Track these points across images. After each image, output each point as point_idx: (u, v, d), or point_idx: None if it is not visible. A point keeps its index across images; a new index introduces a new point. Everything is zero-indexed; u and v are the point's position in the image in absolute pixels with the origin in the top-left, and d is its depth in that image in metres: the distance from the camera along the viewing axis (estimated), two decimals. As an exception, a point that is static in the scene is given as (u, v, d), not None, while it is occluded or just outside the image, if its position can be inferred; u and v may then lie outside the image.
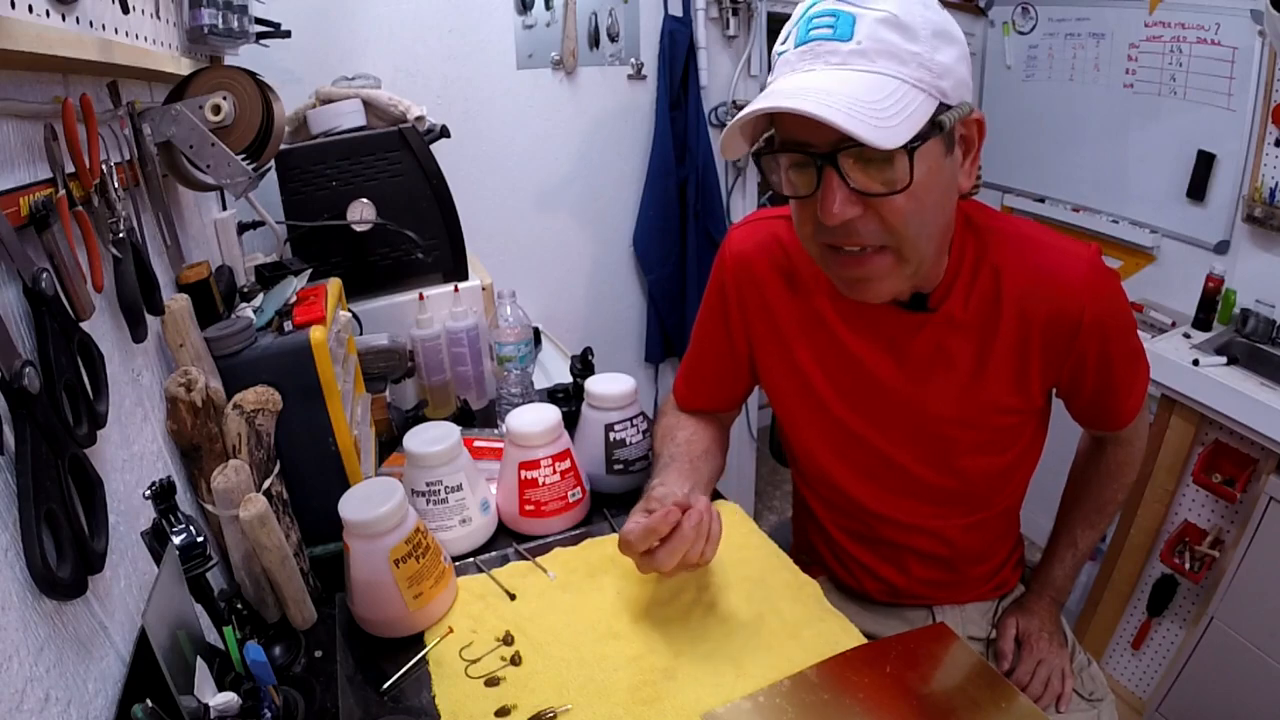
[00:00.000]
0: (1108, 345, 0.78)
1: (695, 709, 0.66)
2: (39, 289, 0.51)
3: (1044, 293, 0.76)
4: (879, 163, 0.64)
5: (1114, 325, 0.78)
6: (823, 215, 0.66)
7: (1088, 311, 0.75)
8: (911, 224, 0.67)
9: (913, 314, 0.79)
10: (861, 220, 0.66)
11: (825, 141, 0.63)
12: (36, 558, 0.46)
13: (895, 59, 0.62)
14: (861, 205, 0.66)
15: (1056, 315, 0.76)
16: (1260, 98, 1.67)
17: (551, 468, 0.92)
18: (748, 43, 2.09)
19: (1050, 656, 0.93)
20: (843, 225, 0.66)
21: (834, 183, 0.64)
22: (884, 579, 0.96)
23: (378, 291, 1.31)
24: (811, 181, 0.66)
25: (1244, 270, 1.76)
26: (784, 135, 0.67)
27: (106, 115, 0.72)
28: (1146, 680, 1.81)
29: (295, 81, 1.53)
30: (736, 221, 0.97)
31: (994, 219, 0.80)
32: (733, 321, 0.92)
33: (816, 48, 0.64)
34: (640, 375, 2.36)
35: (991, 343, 0.79)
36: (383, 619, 0.76)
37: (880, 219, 0.66)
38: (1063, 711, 0.90)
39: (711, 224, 2.15)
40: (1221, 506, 1.63)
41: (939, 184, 0.67)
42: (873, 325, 0.82)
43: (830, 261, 0.73)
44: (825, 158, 0.64)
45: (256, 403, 0.78)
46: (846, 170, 0.64)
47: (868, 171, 0.64)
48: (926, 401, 0.82)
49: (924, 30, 0.62)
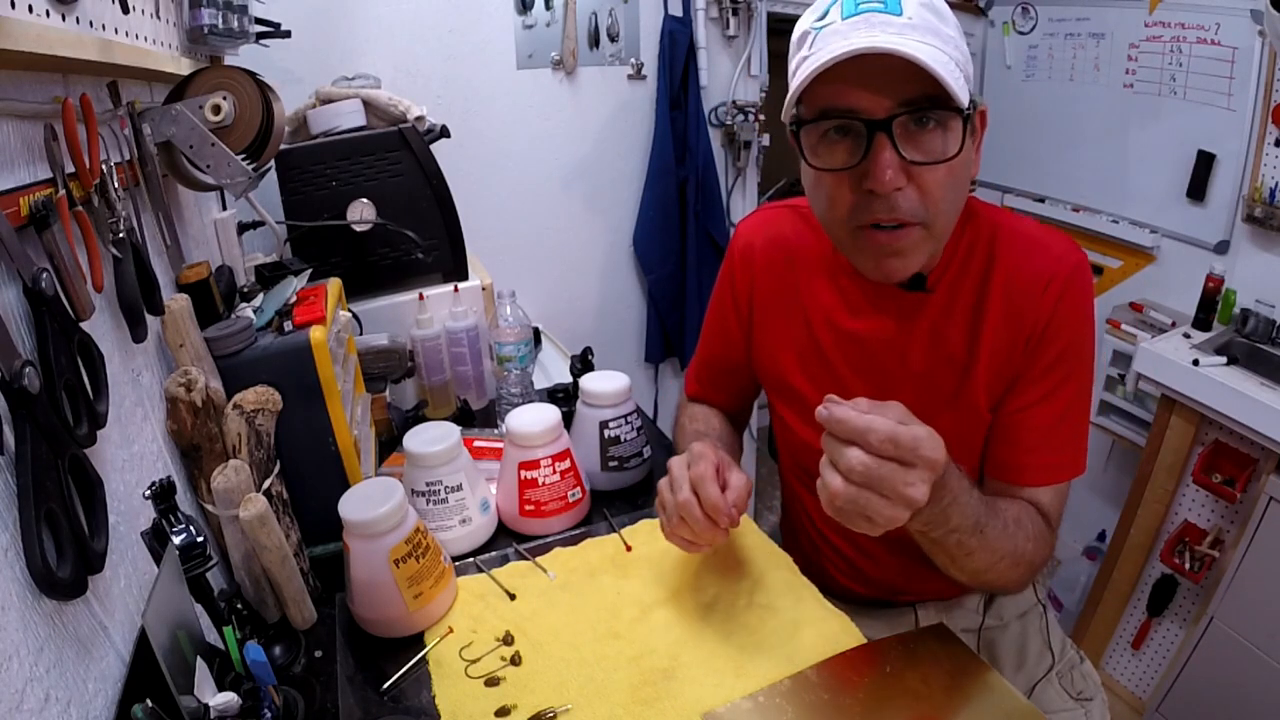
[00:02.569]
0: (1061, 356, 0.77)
1: (695, 709, 0.66)
2: (39, 289, 0.51)
3: (1025, 286, 0.77)
4: (926, 132, 0.65)
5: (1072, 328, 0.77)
6: (874, 183, 0.66)
7: (1058, 310, 0.76)
8: (946, 197, 0.68)
9: (911, 294, 0.80)
10: (903, 194, 0.67)
11: (880, 108, 0.64)
12: (36, 558, 0.46)
13: (939, 38, 0.64)
14: (905, 176, 0.66)
15: (1031, 310, 0.76)
16: (1260, 98, 1.67)
17: (551, 468, 0.92)
18: (748, 43, 2.09)
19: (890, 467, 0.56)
20: (885, 198, 0.67)
21: (886, 151, 0.65)
22: (860, 569, 0.95)
23: (378, 291, 1.31)
24: (856, 152, 0.67)
25: (1244, 270, 1.76)
26: (828, 103, 0.67)
27: (106, 115, 0.72)
28: (1146, 680, 1.81)
29: (295, 81, 1.53)
30: (741, 218, 0.98)
31: (991, 211, 0.82)
32: (737, 310, 0.95)
33: (871, 18, 0.64)
34: (640, 375, 2.36)
35: (980, 331, 0.79)
36: (383, 619, 0.76)
37: (920, 191, 0.67)
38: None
39: (711, 224, 2.15)
40: (1221, 506, 1.63)
41: (967, 162, 0.69)
42: (873, 305, 0.83)
43: (864, 240, 0.72)
44: (879, 125, 0.64)
45: (256, 403, 0.78)
46: (897, 138, 0.65)
47: (917, 139, 0.66)
48: (918, 384, 0.83)
49: (951, 19, 0.66)
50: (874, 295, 0.83)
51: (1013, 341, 0.78)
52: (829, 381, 0.87)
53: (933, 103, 0.64)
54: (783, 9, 2.12)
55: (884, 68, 0.62)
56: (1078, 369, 0.79)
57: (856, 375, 0.86)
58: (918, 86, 0.63)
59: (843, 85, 0.65)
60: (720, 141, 2.19)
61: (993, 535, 0.70)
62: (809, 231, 0.88)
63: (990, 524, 0.70)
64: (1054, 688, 0.93)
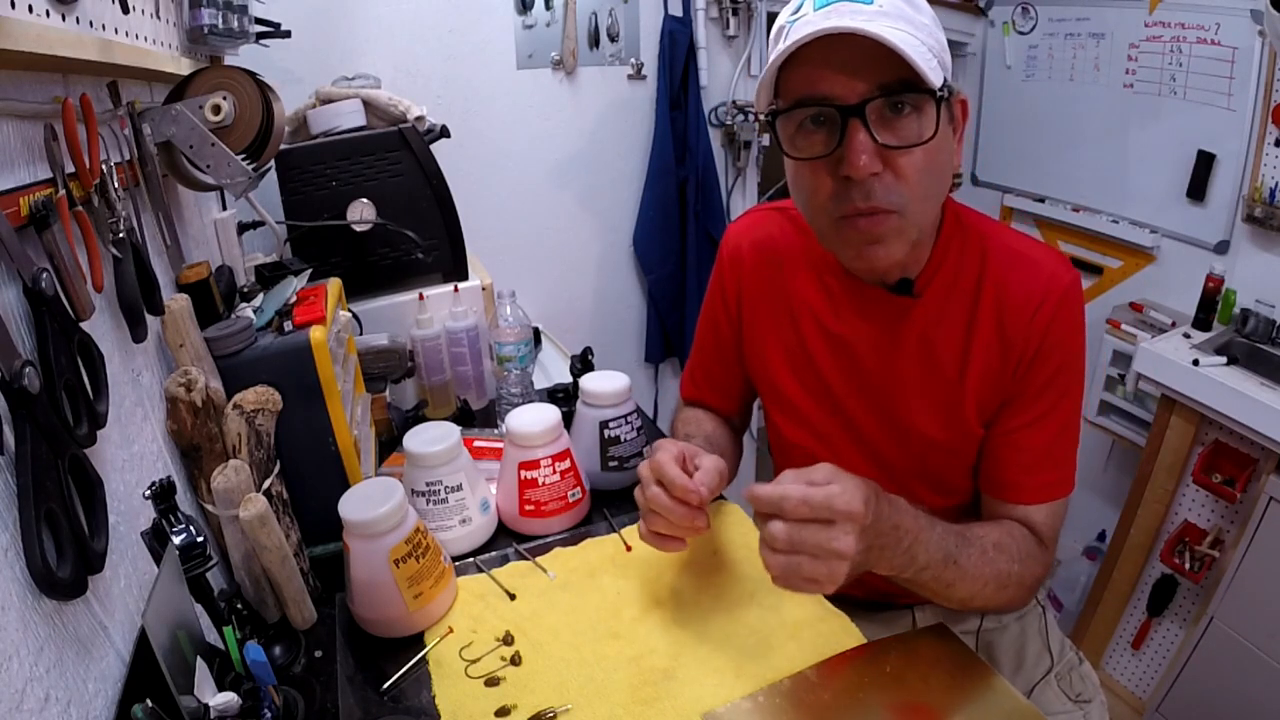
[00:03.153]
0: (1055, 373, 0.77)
1: (695, 709, 0.66)
2: (39, 289, 0.51)
3: (1017, 305, 0.77)
4: (901, 118, 0.66)
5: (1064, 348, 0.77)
6: (849, 169, 0.66)
7: (1050, 332, 0.76)
8: (923, 183, 0.68)
9: (899, 298, 0.80)
10: (879, 180, 0.67)
11: (853, 93, 0.64)
12: (36, 558, 0.46)
13: (911, 24, 0.64)
14: (881, 162, 0.66)
15: (1022, 331, 0.77)
16: (1260, 98, 1.67)
17: (551, 468, 0.92)
18: (748, 43, 2.10)
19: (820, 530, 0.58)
20: (862, 184, 0.67)
21: (860, 135, 0.65)
22: None
23: (378, 291, 1.31)
24: (831, 139, 0.67)
25: (1244, 270, 1.76)
26: (802, 92, 0.67)
27: (106, 115, 0.72)
28: (1146, 680, 1.81)
29: (295, 81, 1.53)
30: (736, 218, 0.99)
31: (982, 222, 0.81)
32: (727, 313, 0.95)
33: (841, 7, 0.64)
34: (640, 375, 2.36)
35: (971, 346, 0.79)
36: (383, 619, 0.76)
37: (897, 177, 0.67)
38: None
39: (711, 224, 2.15)
40: (1221, 506, 1.63)
41: (945, 149, 0.69)
42: (860, 308, 0.83)
43: (844, 228, 0.72)
44: (851, 110, 0.65)
45: (256, 403, 0.78)
46: (871, 124, 0.65)
47: (892, 125, 0.66)
48: (907, 392, 0.82)
49: (925, 9, 0.67)
50: (861, 298, 0.82)
51: (1004, 360, 0.78)
52: (815, 383, 0.87)
53: (905, 86, 0.64)
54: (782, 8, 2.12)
55: (855, 52, 0.63)
56: (1071, 388, 0.79)
57: (841, 377, 0.85)
58: (890, 71, 0.63)
59: (813, 70, 0.65)
60: (720, 141, 2.20)
61: (970, 564, 0.70)
62: (796, 233, 0.88)
63: (964, 553, 0.70)
64: (1053, 689, 0.93)
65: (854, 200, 0.68)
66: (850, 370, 0.85)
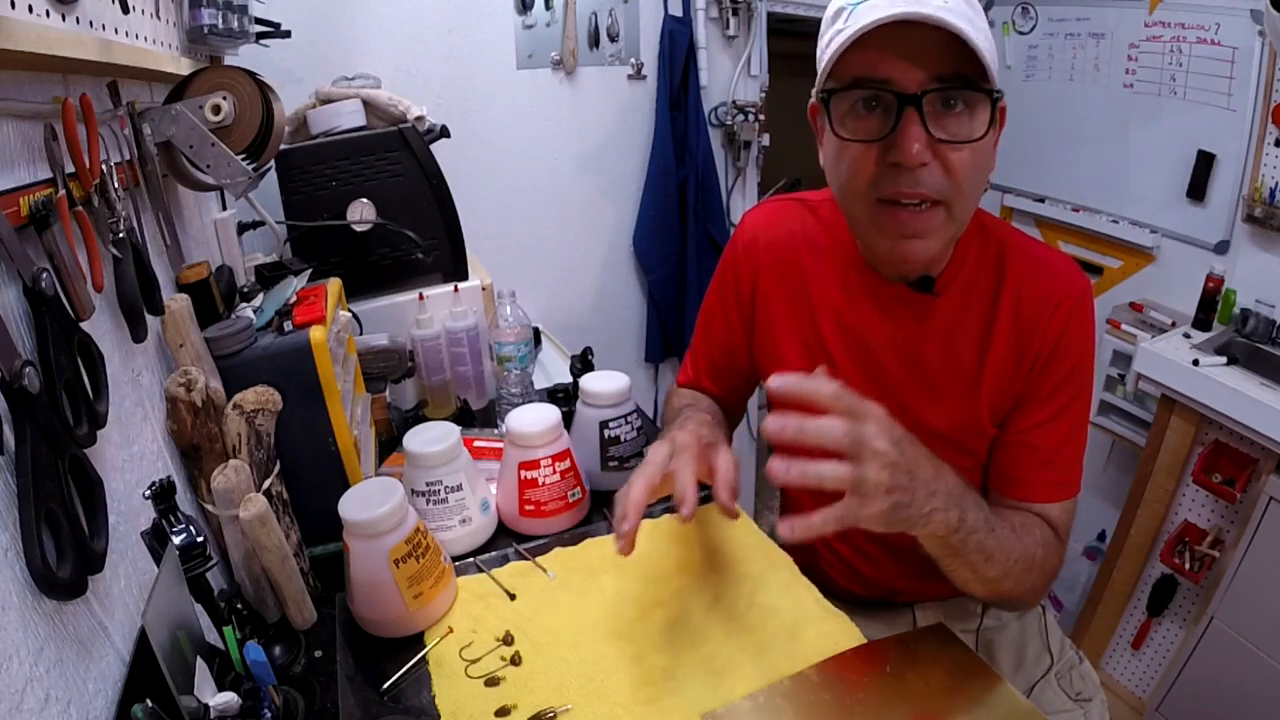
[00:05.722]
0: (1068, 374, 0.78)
1: (695, 709, 0.66)
2: (39, 289, 0.51)
3: (1035, 306, 0.78)
4: (953, 114, 0.66)
5: (1075, 350, 0.78)
6: (900, 155, 0.66)
7: (1065, 335, 0.77)
8: (969, 180, 0.68)
9: (919, 295, 0.80)
10: (927, 170, 0.67)
11: (913, 81, 0.64)
12: (36, 558, 0.46)
13: (973, 25, 0.64)
14: (931, 153, 0.66)
15: (1039, 331, 0.78)
16: (1260, 98, 1.67)
17: (551, 468, 0.92)
18: (748, 43, 2.10)
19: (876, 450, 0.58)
20: (911, 172, 0.67)
21: (915, 124, 0.65)
22: (858, 570, 0.95)
23: (378, 291, 1.31)
24: (884, 124, 0.67)
25: (1244, 270, 1.76)
26: (862, 72, 0.67)
27: (106, 115, 0.72)
28: (1146, 680, 1.81)
29: (295, 81, 1.53)
30: (746, 210, 0.98)
31: (1002, 228, 0.82)
32: (739, 302, 0.94)
33: None
34: (640, 375, 2.36)
35: (990, 345, 0.79)
36: (383, 619, 0.76)
37: (945, 171, 0.67)
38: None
39: (711, 224, 2.15)
40: (1221, 506, 1.63)
41: (989, 152, 0.70)
42: (880, 303, 0.83)
43: (883, 217, 0.72)
44: (910, 99, 0.65)
45: (256, 403, 0.78)
46: (927, 114, 0.65)
47: (944, 120, 0.66)
48: (922, 389, 0.82)
49: (982, 13, 0.67)
50: (882, 293, 0.83)
51: (1020, 360, 0.78)
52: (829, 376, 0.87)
53: (964, 81, 0.64)
54: (783, 9, 2.12)
55: (919, 42, 0.63)
56: (1082, 391, 0.80)
57: (856, 371, 0.85)
58: (952, 64, 0.64)
59: (878, 53, 0.65)
60: (720, 141, 2.20)
61: (1005, 537, 0.70)
62: (817, 224, 0.88)
63: (999, 524, 0.70)
64: (1053, 688, 0.93)
65: (900, 185, 0.68)
66: (865, 364, 0.85)
